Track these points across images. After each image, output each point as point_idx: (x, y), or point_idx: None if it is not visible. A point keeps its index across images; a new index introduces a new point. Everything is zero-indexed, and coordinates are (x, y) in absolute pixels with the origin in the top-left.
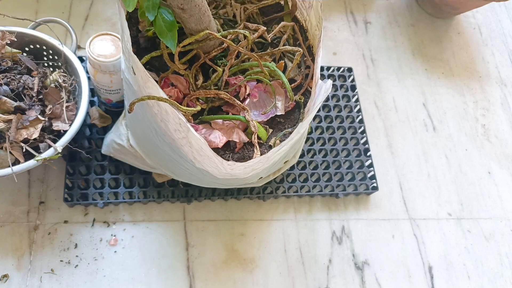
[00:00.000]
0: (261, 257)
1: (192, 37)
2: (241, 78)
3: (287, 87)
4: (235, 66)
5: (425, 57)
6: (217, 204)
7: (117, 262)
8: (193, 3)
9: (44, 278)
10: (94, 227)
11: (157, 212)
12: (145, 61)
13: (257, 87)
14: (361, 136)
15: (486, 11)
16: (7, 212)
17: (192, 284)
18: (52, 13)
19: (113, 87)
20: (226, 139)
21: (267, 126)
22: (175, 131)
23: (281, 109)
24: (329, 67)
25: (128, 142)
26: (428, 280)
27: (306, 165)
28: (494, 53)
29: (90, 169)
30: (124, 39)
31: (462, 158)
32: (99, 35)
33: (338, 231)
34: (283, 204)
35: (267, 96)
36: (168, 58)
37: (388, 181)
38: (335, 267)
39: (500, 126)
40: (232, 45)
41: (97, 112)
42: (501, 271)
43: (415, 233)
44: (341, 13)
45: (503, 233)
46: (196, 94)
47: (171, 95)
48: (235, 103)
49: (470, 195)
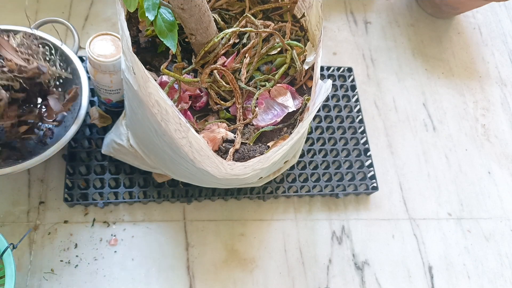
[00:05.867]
0: (261, 257)
1: (201, 51)
2: (252, 97)
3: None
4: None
5: (425, 57)
6: (217, 204)
7: (117, 262)
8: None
9: (44, 278)
10: (94, 227)
11: (157, 212)
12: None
13: (261, 95)
14: (361, 136)
15: (486, 11)
16: (7, 212)
17: (192, 284)
18: (52, 13)
19: (113, 87)
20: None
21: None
22: (175, 131)
23: (292, 106)
24: (329, 67)
25: (128, 142)
26: (428, 280)
27: (306, 165)
28: (494, 53)
29: (90, 169)
30: (124, 39)
31: (462, 158)
32: (99, 35)
33: (338, 231)
34: (283, 204)
35: (273, 101)
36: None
37: (388, 181)
38: (335, 267)
39: (500, 126)
40: (255, 31)
41: (97, 112)
42: (501, 271)
43: (415, 233)
44: (341, 13)
45: (503, 233)
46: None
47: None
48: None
49: (470, 195)
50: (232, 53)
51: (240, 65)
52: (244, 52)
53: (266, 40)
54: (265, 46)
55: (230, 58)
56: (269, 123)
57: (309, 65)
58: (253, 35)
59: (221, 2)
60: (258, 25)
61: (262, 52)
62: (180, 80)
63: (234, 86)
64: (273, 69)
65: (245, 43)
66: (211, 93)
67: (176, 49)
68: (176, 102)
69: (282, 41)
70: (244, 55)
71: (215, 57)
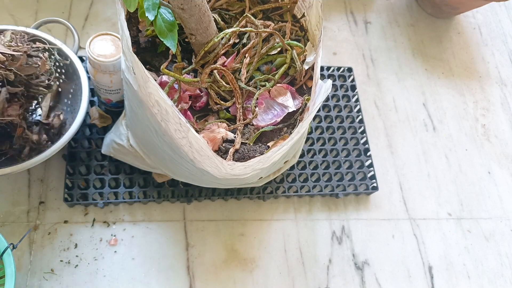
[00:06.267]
0: (261, 257)
1: (201, 51)
2: (252, 97)
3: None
4: (252, 63)
5: (425, 57)
6: (217, 204)
7: (117, 262)
8: (193, 3)
9: (44, 278)
10: (94, 227)
11: (157, 212)
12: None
13: (261, 95)
14: (361, 136)
15: (486, 11)
16: (7, 212)
17: (192, 284)
18: (52, 13)
19: (113, 87)
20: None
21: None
22: (175, 131)
23: (292, 106)
24: (329, 67)
25: (128, 142)
26: (428, 280)
27: (306, 165)
28: (494, 53)
29: (90, 169)
30: (124, 39)
31: (462, 158)
32: (99, 35)
33: (338, 231)
34: (283, 204)
35: (273, 101)
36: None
37: (388, 181)
38: (335, 267)
39: (500, 126)
40: (256, 31)
41: (97, 112)
42: (501, 271)
43: (415, 233)
44: (341, 13)
45: (503, 233)
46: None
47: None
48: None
49: (470, 195)
50: (232, 53)
51: (240, 65)
52: (244, 52)
53: (266, 40)
54: (265, 46)
55: (230, 58)
56: (269, 123)
57: (309, 65)
58: (253, 35)
59: (221, 2)
60: (258, 25)
61: (262, 52)
62: (180, 80)
63: (234, 86)
64: (273, 69)
65: (245, 43)
66: (211, 93)
67: (176, 49)
68: (176, 102)
69: (282, 41)
70: (244, 55)
71: (215, 57)
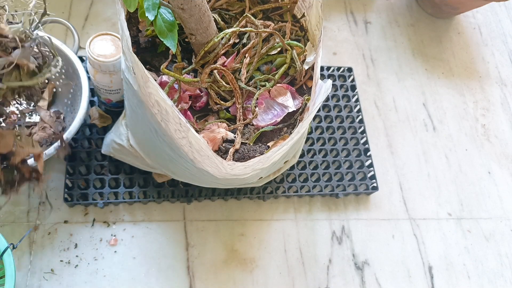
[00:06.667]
0: (261, 257)
1: (201, 51)
2: (252, 97)
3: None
4: (252, 63)
5: (425, 57)
6: (217, 204)
7: (117, 262)
8: (193, 3)
9: (44, 278)
10: (94, 227)
11: (157, 212)
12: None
13: (262, 95)
14: (361, 136)
15: (486, 11)
16: (7, 212)
17: (192, 284)
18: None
19: (113, 87)
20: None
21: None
22: (175, 131)
23: (292, 106)
24: (329, 67)
25: (128, 142)
26: (428, 280)
27: (306, 165)
28: (494, 53)
29: (90, 169)
30: (124, 39)
31: (462, 158)
32: (99, 35)
33: (338, 231)
34: (283, 204)
35: (273, 101)
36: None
37: (388, 181)
38: (335, 267)
39: (500, 126)
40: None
41: (97, 112)
42: (501, 271)
43: (415, 233)
44: (341, 13)
45: (503, 233)
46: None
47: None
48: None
49: (470, 195)
50: (232, 53)
51: (240, 65)
52: (244, 52)
53: (266, 40)
54: (265, 46)
55: (230, 58)
56: (269, 123)
57: (309, 65)
58: (253, 35)
59: (221, 2)
60: (258, 25)
61: (262, 52)
62: (180, 80)
63: (234, 86)
64: (273, 69)
65: (245, 43)
66: (211, 93)
67: (176, 49)
68: (176, 102)
69: (282, 41)
70: (244, 55)
71: (215, 57)
